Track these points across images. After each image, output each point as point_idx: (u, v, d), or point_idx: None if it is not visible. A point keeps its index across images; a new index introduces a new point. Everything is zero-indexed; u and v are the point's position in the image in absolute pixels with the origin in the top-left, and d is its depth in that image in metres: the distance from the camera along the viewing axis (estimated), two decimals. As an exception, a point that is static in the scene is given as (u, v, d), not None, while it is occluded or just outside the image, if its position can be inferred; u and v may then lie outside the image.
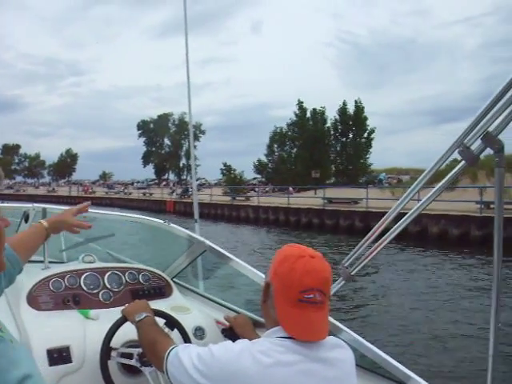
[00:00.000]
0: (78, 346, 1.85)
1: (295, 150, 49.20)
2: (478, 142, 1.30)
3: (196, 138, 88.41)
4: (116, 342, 1.85)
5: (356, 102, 47.47)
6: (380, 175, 42.61)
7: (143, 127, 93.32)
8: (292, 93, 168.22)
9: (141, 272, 2.48)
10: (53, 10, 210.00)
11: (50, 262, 2.49)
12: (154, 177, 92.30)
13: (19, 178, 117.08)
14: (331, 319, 1.82)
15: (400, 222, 1.64)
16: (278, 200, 28.84)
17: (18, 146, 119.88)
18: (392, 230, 1.66)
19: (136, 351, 1.82)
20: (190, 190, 45.56)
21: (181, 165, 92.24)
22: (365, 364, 1.93)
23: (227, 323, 2.05)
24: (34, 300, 2.07)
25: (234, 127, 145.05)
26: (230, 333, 1.98)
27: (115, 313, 1.92)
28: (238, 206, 31.31)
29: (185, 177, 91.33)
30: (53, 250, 2.69)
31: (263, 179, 53.67)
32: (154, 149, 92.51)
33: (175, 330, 1.93)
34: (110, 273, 2.38)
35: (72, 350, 1.83)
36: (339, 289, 1.89)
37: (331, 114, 47.91)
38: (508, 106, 1.22)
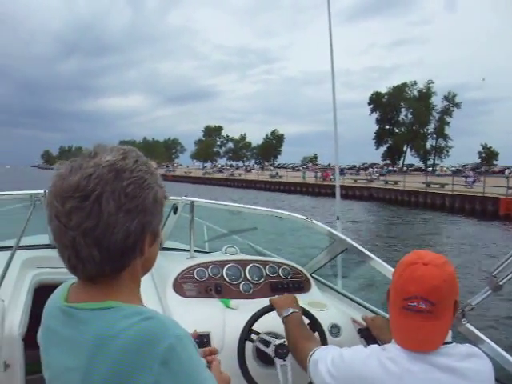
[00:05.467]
0: (217, 333, 2.01)
1: None
2: None
3: (448, 113, 74.46)
4: (257, 327, 1.93)
5: None
6: None
7: (376, 101, 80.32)
8: (490, 72, 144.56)
9: (281, 266, 2.54)
10: (245, 1, 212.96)
11: (195, 251, 2.71)
12: (370, 161, 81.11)
13: (221, 161, 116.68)
14: (470, 327, 1.75)
15: None
16: None
17: (220, 128, 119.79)
18: None
19: (274, 341, 1.87)
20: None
21: (428, 146, 77.99)
22: (506, 380, 1.76)
23: (364, 323, 1.94)
24: (179, 287, 2.28)
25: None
26: (367, 333, 1.88)
27: (254, 304, 2.05)
28: None
29: (432, 161, 77.37)
30: (196, 240, 2.85)
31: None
32: (388, 127, 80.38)
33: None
34: (251, 265, 2.48)
35: (212, 337, 1.99)
36: (484, 298, 1.72)
37: None
38: None
